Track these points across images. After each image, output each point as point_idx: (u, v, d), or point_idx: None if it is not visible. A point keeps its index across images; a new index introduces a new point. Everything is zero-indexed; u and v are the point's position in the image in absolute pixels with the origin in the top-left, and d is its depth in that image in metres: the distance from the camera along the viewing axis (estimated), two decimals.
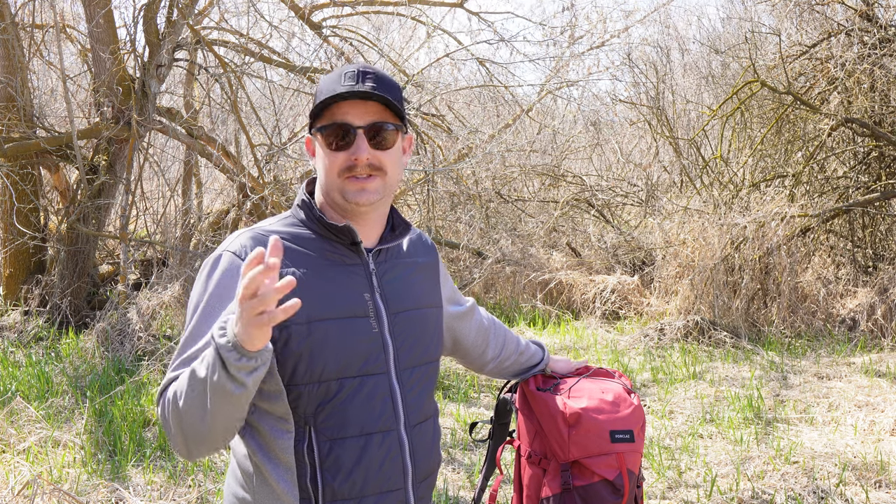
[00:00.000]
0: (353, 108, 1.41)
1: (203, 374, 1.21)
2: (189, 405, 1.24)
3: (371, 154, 1.41)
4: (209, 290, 1.38)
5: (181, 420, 1.26)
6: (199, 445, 1.29)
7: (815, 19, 8.36)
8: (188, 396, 1.24)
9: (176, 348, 1.37)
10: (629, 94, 10.34)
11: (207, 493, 3.67)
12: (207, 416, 1.23)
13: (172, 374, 1.33)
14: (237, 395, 1.19)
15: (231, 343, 1.16)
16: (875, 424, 4.55)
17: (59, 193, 8.26)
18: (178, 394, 1.26)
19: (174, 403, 1.27)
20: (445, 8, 8.44)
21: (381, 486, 1.41)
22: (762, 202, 7.46)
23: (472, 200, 8.88)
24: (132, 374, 5.57)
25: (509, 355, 1.86)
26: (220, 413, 1.23)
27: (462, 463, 4.13)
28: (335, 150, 1.41)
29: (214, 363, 1.18)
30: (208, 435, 1.27)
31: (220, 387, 1.18)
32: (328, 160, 1.43)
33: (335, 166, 1.42)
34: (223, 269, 1.38)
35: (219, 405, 1.21)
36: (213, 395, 1.20)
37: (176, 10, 7.10)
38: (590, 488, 1.63)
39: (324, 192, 1.48)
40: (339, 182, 1.43)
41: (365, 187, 1.42)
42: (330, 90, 1.41)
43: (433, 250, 1.66)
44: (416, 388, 1.49)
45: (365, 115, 1.42)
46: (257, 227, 1.47)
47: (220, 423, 1.25)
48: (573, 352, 6.52)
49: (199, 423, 1.24)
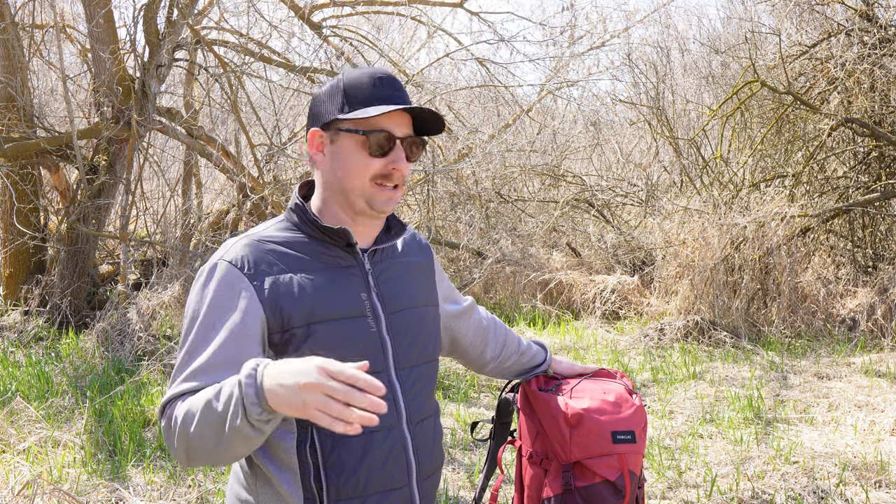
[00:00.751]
0: (391, 117, 1.42)
1: (220, 410, 1.20)
2: (202, 434, 1.23)
3: (406, 166, 1.44)
4: (207, 301, 1.36)
5: (189, 443, 1.26)
6: (202, 462, 1.29)
7: (815, 19, 8.36)
8: (202, 425, 1.23)
9: (177, 359, 1.36)
10: (629, 94, 10.34)
11: (207, 493, 3.67)
12: (220, 447, 1.23)
13: (178, 388, 1.31)
14: (255, 438, 1.21)
15: (257, 397, 1.16)
16: (875, 424, 4.55)
17: (59, 193, 8.26)
18: (188, 418, 1.25)
19: (184, 425, 1.26)
20: (446, 8, 8.44)
21: (384, 483, 1.41)
22: (762, 202, 7.46)
23: (472, 200, 8.88)
24: (132, 374, 5.57)
25: (510, 355, 1.85)
26: (234, 448, 1.24)
27: (462, 463, 4.13)
28: (375, 157, 1.41)
29: (237, 408, 1.17)
30: (216, 460, 1.27)
31: (239, 430, 1.19)
32: (360, 164, 1.41)
33: (369, 171, 1.41)
34: (220, 279, 1.37)
35: (234, 442, 1.22)
36: (230, 435, 1.20)
37: (176, 10, 7.10)
38: (591, 489, 1.63)
39: (337, 193, 1.46)
40: (368, 187, 1.42)
41: (392, 198, 1.44)
42: (366, 94, 1.40)
43: (428, 250, 1.67)
44: (417, 385, 1.49)
45: (402, 126, 1.43)
46: (252, 233, 1.45)
47: (232, 455, 1.26)
48: (573, 352, 6.52)
49: (209, 449, 1.24)
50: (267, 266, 1.38)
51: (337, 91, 1.43)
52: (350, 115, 1.40)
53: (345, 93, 1.42)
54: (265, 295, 1.36)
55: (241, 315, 1.33)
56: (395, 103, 1.41)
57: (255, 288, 1.36)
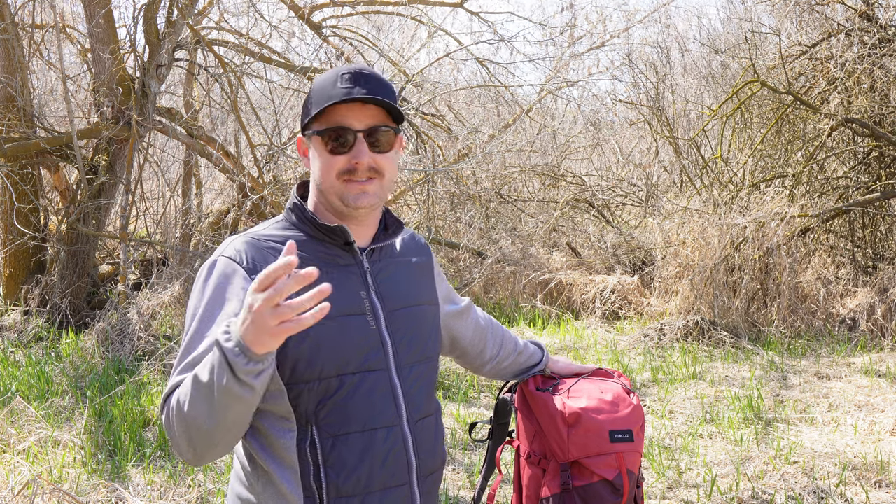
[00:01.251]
0: (352, 110, 1.41)
1: (207, 379, 1.19)
2: (195, 410, 1.23)
3: (371, 158, 1.41)
4: (206, 294, 1.37)
5: (187, 425, 1.25)
6: (206, 450, 1.28)
7: (815, 19, 8.36)
8: (193, 401, 1.22)
9: (177, 353, 1.37)
10: (629, 94, 10.34)
11: (207, 493, 3.67)
12: (214, 419, 1.21)
13: (176, 379, 1.32)
14: (246, 398, 1.19)
15: (238, 348, 1.15)
16: (875, 424, 4.55)
17: (59, 193, 8.26)
18: (181, 400, 1.25)
19: (178, 409, 1.26)
20: (446, 8, 8.44)
21: (385, 481, 1.41)
22: (762, 202, 7.46)
23: (472, 200, 8.88)
24: (132, 374, 5.57)
25: (507, 355, 1.86)
26: (228, 416, 1.22)
27: (462, 463, 4.13)
28: (334, 154, 1.41)
29: (221, 367, 1.17)
30: (215, 438, 1.25)
31: (228, 390, 1.17)
32: (326, 164, 1.42)
33: (334, 169, 1.42)
34: (219, 273, 1.38)
35: (226, 408, 1.20)
36: (221, 399, 1.19)
37: (176, 10, 7.11)
38: (589, 488, 1.63)
39: (319, 194, 1.48)
40: (337, 185, 1.42)
41: (365, 190, 1.42)
42: (326, 94, 1.40)
43: (427, 250, 1.67)
44: (417, 384, 1.49)
45: (364, 118, 1.42)
46: (250, 232, 1.47)
47: (228, 426, 1.24)
48: (573, 352, 6.52)
49: (205, 427, 1.23)
50: (265, 263, 1.39)
51: (308, 94, 1.47)
52: (308, 119, 1.44)
53: (311, 95, 1.45)
54: None
55: (238, 307, 1.34)
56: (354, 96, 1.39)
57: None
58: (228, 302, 1.35)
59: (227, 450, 1.30)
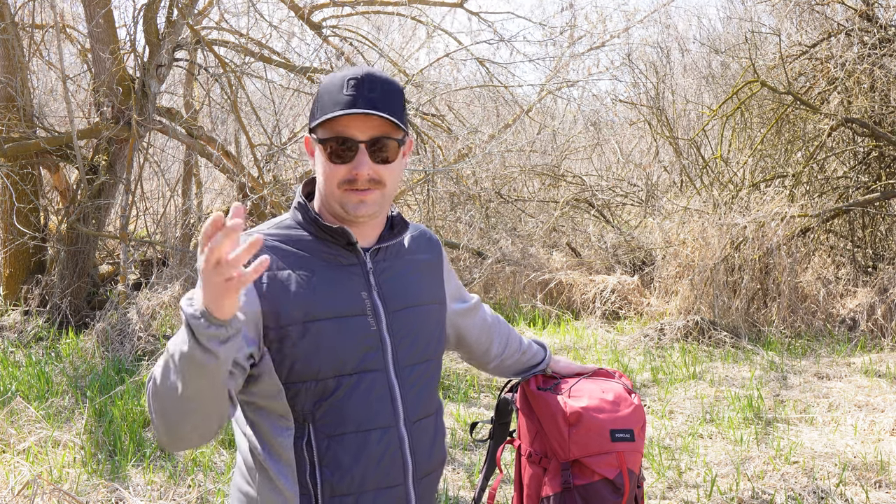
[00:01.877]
0: (355, 120, 1.39)
1: (174, 349, 1.19)
2: (164, 382, 1.22)
3: (372, 169, 1.40)
4: None
5: (160, 401, 1.24)
6: (177, 428, 1.25)
7: (815, 19, 8.36)
8: (164, 375, 1.22)
9: None
10: (629, 94, 10.34)
11: (207, 493, 3.67)
12: (183, 392, 1.20)
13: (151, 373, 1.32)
14: (209, 365, 1.16)
15: (199, 312, 1.13)
16: (875, 424, 4.55)
17: (59, 193, 8.26)
18: (155, 375, 1.25)
19: (153, 386, 1.25)
20: (445, 8, 8.44)
21: (380, 481, 1.42)
22: (762, 202, 7.46)
23: (472, 200, 8.88)
24: (132, 374, 5.57)
25: (512, 353, 1.87)
26: (194, 388, 1.19)
27: (462, 463, 4.13)
28: (336, 163, 1.41)
29: (184, 333, 1.16)
30: (185, 416, 1.23)
31: (191, 357, 1.15)
32: (328, 171, 1.42)
33: (335, 178, 1.41)
34: None
35: (192, 379, 1.18)
36: (186, 369, 1.17)
37: (176, 10, 7.11)
38: (590, 487, 1.63)
39: (322, 198, 1.48)
40: (338, 193, 1.42)
41: (364, 199, 1.41)
42: (332, 99, 1.39)
43: (437, 247, 1.66)
44: (417, 384, 1.49)
45: (367, 128, 1.40)
46: (254, 230, 1.46)
47: (195, 400, 1.22)
48: (573, 352, 6.52)
49: (176, 401, 1.22)
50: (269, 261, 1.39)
51: (315, 96, 1.46)
52: (315, 123, 1.43)
53: (317, 98, 1.44)
54: (263, 290, 1.37)
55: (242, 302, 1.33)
56: (357, 107, 1.37)
57: (254, 282, 1.36)
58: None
59: (199, 434, 1.27)
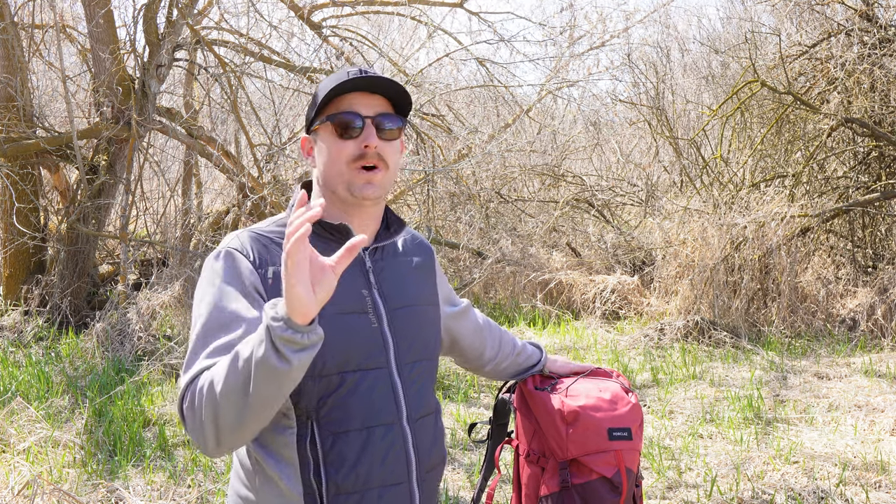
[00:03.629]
0: (360, 99, 1.45)
1: (247, 354, 1.18)
2: (229, 389, 1.21)
3: (379, 143, 1.44)
4: (218, 284, 1.37)
5: (216, 407, 1.22)
6: (229, 434, 1.25)
7: (815, 19, 8.36)
8: (229, 380, 1.21)
9: (190, 343, 1.35)
10: (629, 94, 10.34)
11: (207, 493, 3.67)
12: (248, 398, 1.20)
13: (202, 364, 1.29)
14: (282, 370, 1.16)
15: (280, 315, 1.15)
16: (875, 424, 4.55)
17: (59, 193, 8.27)
18: (215, 380, 1.23)
19: (210, 390, 1.23)
20: (445, 8, 8.44)
21: (384, 479, 1.41)
22: (762, 202, 7.46)
23: (472, 200, 8.88)
24: (132, 374, 5.57)
25: (506, 356, 1.87)
26: (262, 394, 1.20)
27: (462, 463, 4.13)
28: (344, 139, 1.43)
29: (261, 338, 1.17)
30: (244, 421, 1.23)
31: (265, 362, 1.16)
32: (335, 150, 1.44)
33: (343, 156, 1.43)
34: (229, 262, 1.39)
35: (261, 385, 1.18)
36: (257, 373, 1.17)
37: (176, 10, 7.11)
38: (588, 486, 1.63)
39: (325, 187, 1.48)
40: (347, 172, 1.44)
41: (371, 180, 1.44)
42: (336, 82, 1.44)
43: (429, 250, 1.68)
44: (417, 382, 1.49)
45: (372, 106, 1.45)
46: (252, 228, 1.47)
47: (260, 407, 1.22)
48: (573, 352, 6.52)
49: (237, 407, 1.21)
50: (269, 257, 1.40)
51: (315, 93, 1.50)
52: (315, 111, 1.47)
53: (318, 93, 1.48)
54: (269, 284, 1.38)
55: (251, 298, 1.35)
56: (362, 85, 1.44)
57: (261, 276, 1.38)
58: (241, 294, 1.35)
59: (249, 437, 1.28)
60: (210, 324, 1.33)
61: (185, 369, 1.31)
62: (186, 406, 1.27)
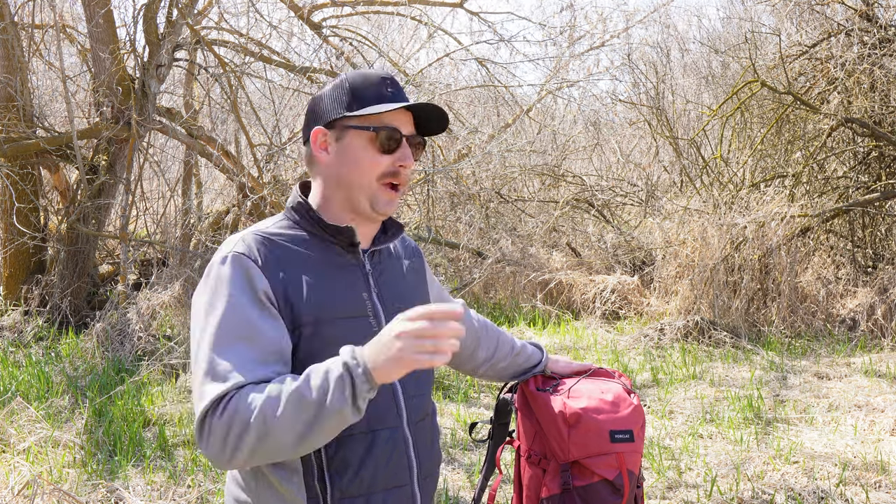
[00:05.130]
0: (399, 116, 1.44)
1: (314, 397, 1.19)
2: (287, 421, 1.20)
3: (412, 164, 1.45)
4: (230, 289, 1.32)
5: (265, 433, 1.20)
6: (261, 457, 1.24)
7: (815, 19, 8.36)
8: (289, 412, 1.20)
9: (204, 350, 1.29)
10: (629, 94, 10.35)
11: (207, 493, 3.67)
12: (307, 438, 1.21)
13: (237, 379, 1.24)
14: (350, 422, 1.22)
15: (364, 374, 1.19)
16: (875, 424, 4.55)
17: (59, 193, 8.27)
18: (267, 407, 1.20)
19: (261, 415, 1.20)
20: (446, 8, 8.44)
21: (388, 482, 1.42)
22: (762, 202, 7.46)
23: (472, 200, 8.88)
24: (132, 374, 5.57)
25: (503, 357, 1.85)
26: (323, 437, 1.23)
27: (462, 463, 4.13)
28: (384, 153, 1.41)
29: (340, 391, 1.19)
30: (288, 451, 1.23)
31: (340, 412, 1.19)
32: (368, 161, 1.41)
33: (377, 169, 1.41)
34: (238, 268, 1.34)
35: (326, 429, 1.21)
36: (327, 420, 1.20)
37: (176, 10, 7.11)
38: (590, 488, 1.63)
39: (340, 189, 1.45)
40: (375, 186, 1.42)
41: (394, 199, 1.44)
42: (376, 93, 1.42)
43: (418, 252, 1.68)
44: (416, 385, 1.50)
45: (407, 125, 1.45)
46: (254, 228, 1.44)
47: (309, 446, 1.24)
48: (573, 352, 6.52)
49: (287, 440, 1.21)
50: (276, 260, 1.37)
51: (342, 90, 1.44)
52: (359, 112, 1.41)
53: (351, 92, 1.43)
54: (279, 289, 1.35)
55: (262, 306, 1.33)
56: (401, 102, 1.42)
57: (269, 279, 1.35)
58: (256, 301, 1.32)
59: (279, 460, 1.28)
60: (230, 334, 1.29)
61: (212, 378, 1.26)
62: (216, 417, 1.23)
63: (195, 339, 1.32)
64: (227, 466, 1.26)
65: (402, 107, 1.40)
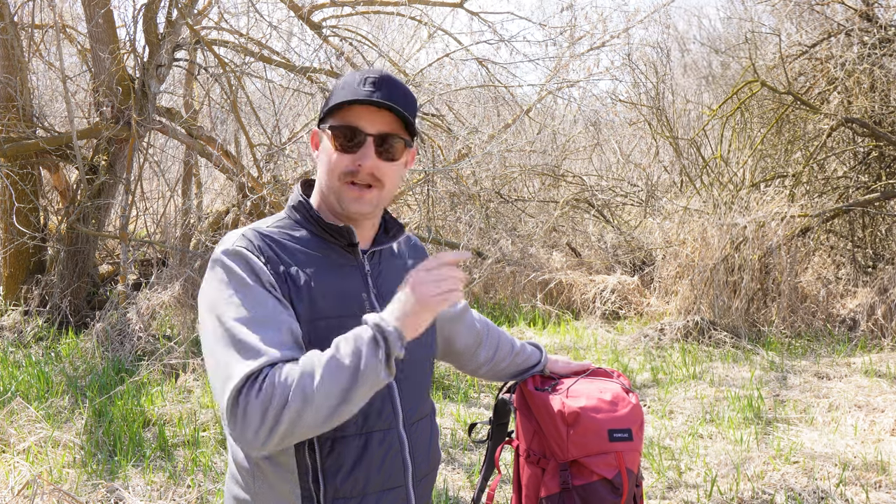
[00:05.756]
0: (368, 113, 1.41)
1: (347, 363, 1.22)
2: (324, 395, 1.20)
3: (375, 164, 1.41)
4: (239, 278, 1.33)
5: (306, 404, 1.20)
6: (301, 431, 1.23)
7: (815, 19, 8.36)
8: (325, 386, 1.20)
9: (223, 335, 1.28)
10: (629, 94, 10.35)
11: (207, 493, 3.67)
12: (341, 408, 1.22)
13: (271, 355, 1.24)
14: (385, 382, 1.26)
15: (396, 330, 1.25)
16: (875, 424, 4.55)
17: (59, 193, 8.26)
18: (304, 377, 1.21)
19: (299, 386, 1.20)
20: (446, 8, 8.44)
21: (382, 483, 1.42)
22: (762, 202, 7.46)
23: (472, 200, 8.88)
24: (132, 374, 5.57)
25: (504, 357, 1.86)
26: (355, 405, 1.25)
27: (462, 463, 4.13)
28: (341, 152, 1.41)
29: (374, 352, 1.23)
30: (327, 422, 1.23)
31: (374, 375, 1.23)
32: (332, 160, 1.42)
33: (338, 168, 1.41)
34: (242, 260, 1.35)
35: (360, 395, 1.24)
36: (362, 385, 1.23)
37: (176, 10, 7.11)
38: (589, 487, 1.63)
39: (322, 192, 1.47)
40: (336, 185, 1.42)
41: (361, 197, 1.42)
42: (350, 91, 1.41)
43: (423, 252, 1.67)
44: (414, 386, 1.49)
45: (377, 123, 1.41)
46: (254, 226, 1.45)
47: (347, 412, 1.25)
48: (573, 352, 6.52)
49: (329, 408, 1.21)
50: (276, 257, 1.38)
51: (332, 90, 1.46)
52: (324, 112, 1.43)
53: (333, 91, 1.45)
54: (280, 283, 1.36)
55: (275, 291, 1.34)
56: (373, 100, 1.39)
57: (272, 274, 1.36)
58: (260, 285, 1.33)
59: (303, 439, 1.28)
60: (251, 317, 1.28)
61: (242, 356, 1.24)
62: (253, 394, 1.21)
63: (209, 326, 1.31)
64: (261, 447, 1.23)
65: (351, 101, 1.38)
